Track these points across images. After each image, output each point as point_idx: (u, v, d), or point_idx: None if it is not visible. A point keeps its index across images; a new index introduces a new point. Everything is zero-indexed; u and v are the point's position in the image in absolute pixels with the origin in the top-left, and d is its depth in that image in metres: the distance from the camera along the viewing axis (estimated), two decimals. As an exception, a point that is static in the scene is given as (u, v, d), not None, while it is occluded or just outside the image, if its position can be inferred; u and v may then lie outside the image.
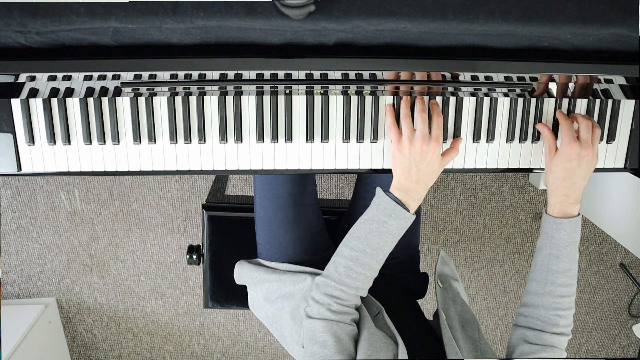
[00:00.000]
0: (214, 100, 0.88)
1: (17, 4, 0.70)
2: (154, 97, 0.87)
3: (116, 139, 0.88)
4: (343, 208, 1.29)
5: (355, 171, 0.93)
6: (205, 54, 0.76)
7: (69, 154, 0.88)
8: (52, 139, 0.87)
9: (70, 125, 0.87)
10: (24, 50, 0.75)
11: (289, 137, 0.90)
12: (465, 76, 0.85)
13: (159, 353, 2.26)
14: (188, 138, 0.89)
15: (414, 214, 0.85)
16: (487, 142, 0.93)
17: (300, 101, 0.89)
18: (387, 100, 0.89)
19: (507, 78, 0.86)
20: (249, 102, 0.89)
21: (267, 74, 0.83)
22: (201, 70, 0.81)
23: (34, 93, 0.85)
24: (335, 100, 0.89)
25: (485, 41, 0.77)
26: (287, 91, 0.88)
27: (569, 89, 0.92)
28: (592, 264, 2.17)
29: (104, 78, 0.83)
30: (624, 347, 2.37)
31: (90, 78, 0.83)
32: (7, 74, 0.79)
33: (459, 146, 0.91)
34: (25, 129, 0.86)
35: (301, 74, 0.83)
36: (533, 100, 0.92)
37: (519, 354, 0.88)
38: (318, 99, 0.89)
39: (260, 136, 0.89)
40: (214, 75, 0.82)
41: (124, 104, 0.87)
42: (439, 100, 0.90)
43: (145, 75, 0.82)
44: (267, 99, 0.88)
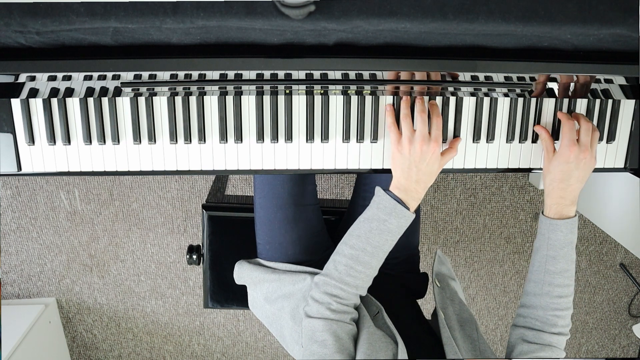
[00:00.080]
0: (214, 100, 0.88)
1: (17, 4, 0.70)
2: (154, 97, 0.87)
3: (116, 139, 0.88)
4: (343, 208, 1.29)
5: (355, 171, 0.93)
6: (205, 54, 0.76)
7: (69, 154, 0.88)
8: (52, 139, 0.87)
9: (70, 125, 0.87)
10: (24, 50, 0.75)
11: (289, 137, 0.90)
12: (465, 76, 0.85)
13: (159, 353, 2.26)
14: (188, 138, 0.89)
15: (413, 212, 0.85)
16: (487, 142, 0.93)
17: (300, 101, 0.89)
18: (387, 100, 0.89)
19: (507, 78, 0.86)
20: (249, 102, 0.89)
21: (267, 74, 0.83)
22: (201, 70, 0.81)
23: (34, 93, 0.85)
24: (335, 100, 0.89)
25: (485, 41, 0.78)
26: (287, 91, 0.88)
27: (569, 89, 0.92)
28: (592, 264, 2.17)
29: (104, 78, 0.83)
30: (624, 347, 2.37)
31: (90, 78, 0.83)
32: (7, 74, 0.79)
33: (458, 146, 0.91)
34: (25, 129, 0.86)
35: (301, 74, 0.83)
36: (533, 100, 0.92)
37: (518, 353, 0.88)
38: (318, 99, 0.89)
39: (260, 136, 0.89)
40: (214, 75, 0.82)
41: (124, 104, 0.87)
42: (439, 100, 0.90)
43: (145, 75, 0.82)
44: (267, 99, 0.88)
